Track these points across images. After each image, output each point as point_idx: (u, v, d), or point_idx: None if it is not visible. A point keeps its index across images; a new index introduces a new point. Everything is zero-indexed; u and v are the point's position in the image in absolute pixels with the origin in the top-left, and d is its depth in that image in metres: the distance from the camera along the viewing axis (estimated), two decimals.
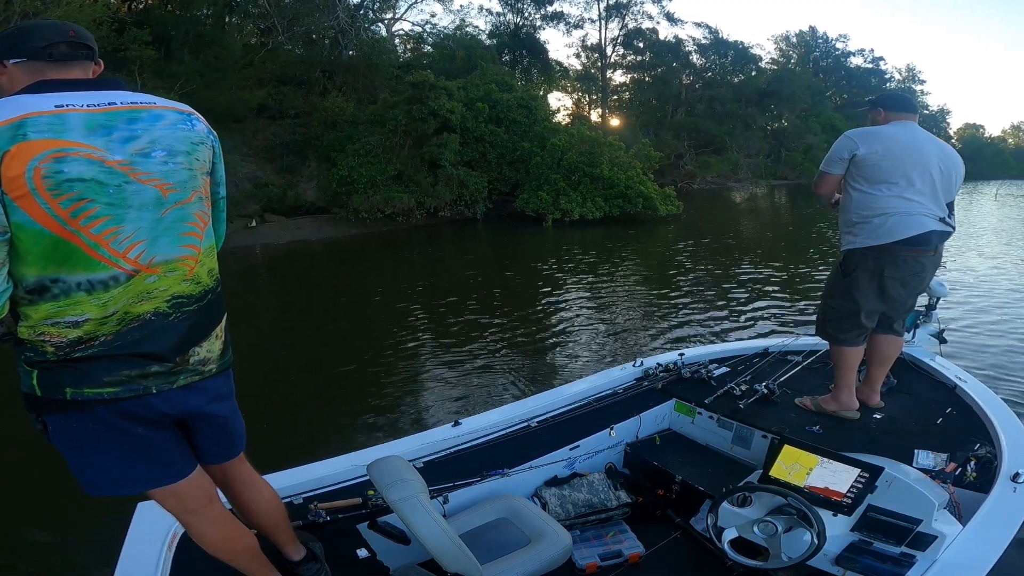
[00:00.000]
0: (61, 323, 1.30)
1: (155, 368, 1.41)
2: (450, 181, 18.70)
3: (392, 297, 9.57)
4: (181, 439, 1.58)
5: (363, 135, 19.08)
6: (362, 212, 17.17)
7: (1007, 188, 40.01)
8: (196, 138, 1.44)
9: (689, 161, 32.02)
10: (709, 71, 41.59)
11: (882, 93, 3.44)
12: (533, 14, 35.21)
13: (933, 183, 2.79)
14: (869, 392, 3.11)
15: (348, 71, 22.22)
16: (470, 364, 6.21)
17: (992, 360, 5.90)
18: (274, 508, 1.88)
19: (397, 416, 5.06)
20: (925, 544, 2.01)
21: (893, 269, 2.84)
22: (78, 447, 1.42)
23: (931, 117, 61.00)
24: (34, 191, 1.20)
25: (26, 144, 1.19)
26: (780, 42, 54.71)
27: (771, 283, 9.86)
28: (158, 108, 1.39)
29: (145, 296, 1.37)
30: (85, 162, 1.25)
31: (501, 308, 8.52)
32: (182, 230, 1.42)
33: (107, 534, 2.20)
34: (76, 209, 1.25)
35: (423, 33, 29.74)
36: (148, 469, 1.49)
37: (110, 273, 1.32)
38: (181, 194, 1.40)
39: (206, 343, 1.50)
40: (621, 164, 19.55)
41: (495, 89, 20.61)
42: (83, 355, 1.33)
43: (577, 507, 2.71)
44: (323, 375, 6.17)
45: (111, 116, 1.30)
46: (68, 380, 1.34)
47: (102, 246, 1.29)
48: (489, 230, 18.49)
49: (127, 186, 1.30)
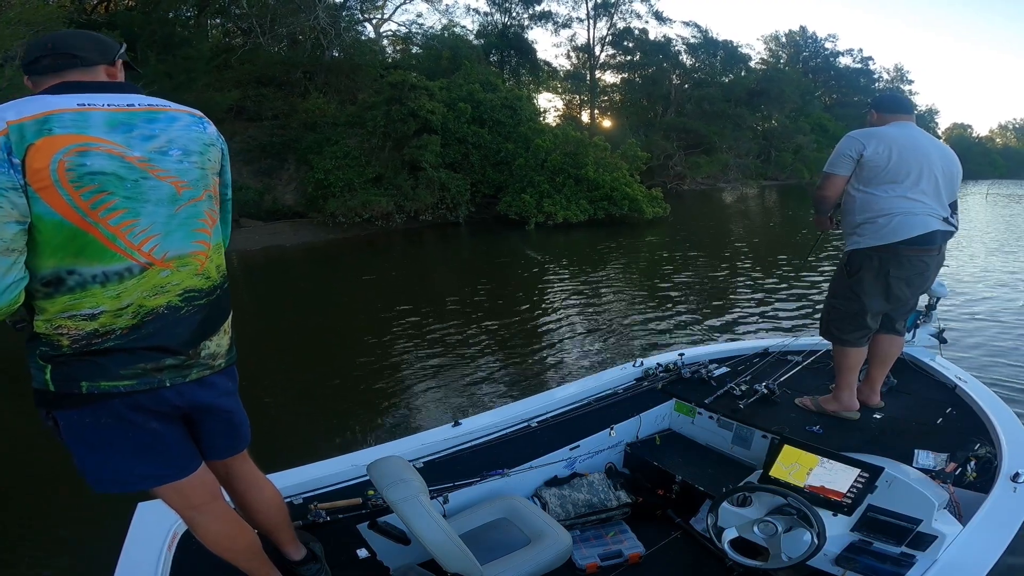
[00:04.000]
0: (77, 316, 1.36)
1: (169, 361, 1.47)
2: (431, 184, 18.54)
3: (372, 302, 9.55)
4: (187, 435, 1.63)
5: (341, 137, 18.92)
6: (339, 216, 17.03)
7: (997, 188, 40.71)
8: (207, 140, 1.54)
9: (679, 162, 32.20)
10: (699, 71, 41.89)
11: (877, 95, 3.49)
12: (521, 14, 35.23)
13: (936, 183, 2.85)
14: (869, 392, 3.18)
15: (330, 72, 22.12)
16: (458, 369, 6.23)
17: (992, 360, 6.04)
18: (276, 507, 1.91)
19: (388, 417, 5.11)
20: (925, 544, 2.05)
21: (898, 269, 2.89)
22: (89, 442, 1.46)
23: (920, 117, 61.13)
24: (57, 183, 1.28)
25: (51, 138, 1.27)
26: (770, 42, 55.44)
27: (767, 284, 9.99)
28: (173, 111, 1.49)
29: (159, 290, 1.44)
30: (107, 156, 1.33)
31: (488, 312, 8.55)
32: (194, 226, 1.49)
33: (107, 534, 2.22)
34: (96, 201, 1.32)
35: (410, 34, 29.68)
36: (156, 465, 1.54)
37: (125, 265, 1.38)
38: (194, 192, 1.48)
39: (215, 337, 1.57)
40: (607, 165, 19.45)
41: (479, 89, 20.48)
42: (99, 348, 1.38)
43: (577, 507, 2.75)
44: (322, 375, 6.19)
45: (131, 115, 1.39)
46: (84, 374, 1.39)
47: (119, 238, 1.36)
48: (471, 234, 18.44)
49: (145, 181, 1.39)
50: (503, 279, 11.69)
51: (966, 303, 8.54)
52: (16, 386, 5.53)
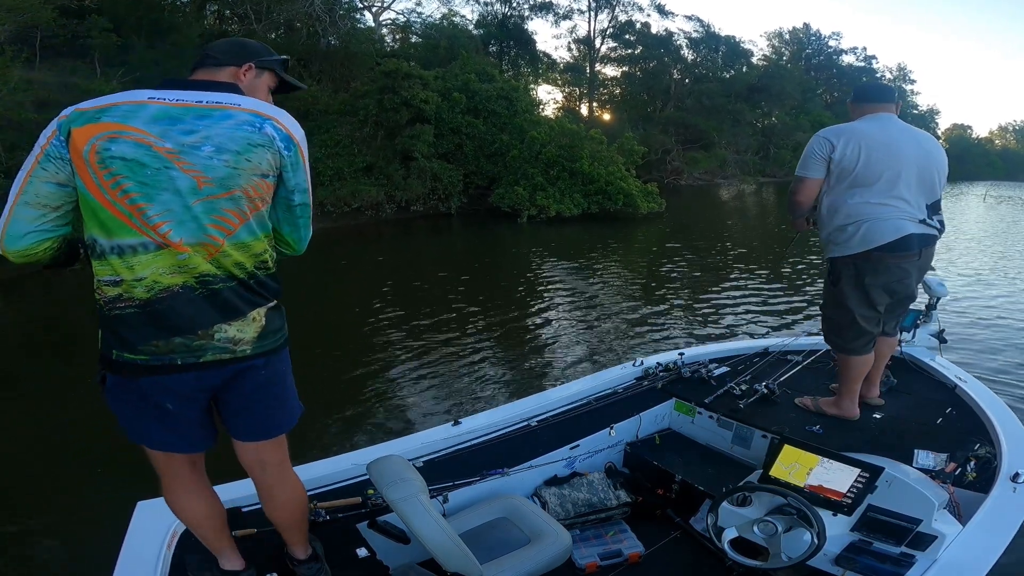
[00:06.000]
0: (104, 280, 1.55)
1: (178, 340, 1.57)
2: (423, 174, 18.54)
3: (364, 295, 9.48)
4: (206, 418, 1.74)
5: (333, 125, 18.80)
6: (327, 205, 16.91)
7: (996, 189, 40.99)
8: (257, 140, 1.56)
9: (677, 157, 32.25)
10: (700, 66, 41.98)
11: (856, 86, 3.26)
12: (521, 4, 35.31)
13: (910, 184, 2.74)
14: (868, 386, 3.18)
15: (326, 60, 21.98)
16: (454, 367, 6.24)
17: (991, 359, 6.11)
18: (293, 507, 1.94)
19: (388, 417, 5.12)
20: (925, 544, 2.08)
21: (874, 276, 2.81)
22: (121, 402, 1.66)
23: (920, 117, 62.66)
24: (87, 163, 1.47)
25: (96, 125, 1.47)
26: (773, 38, 55.78)
27: (766, 283, 10.06)
28: (232, 109, 1.56)
29: (176, 269, 1.55)
30: (133, 144, 1.48)
31: (484, 308, 8.55)
32: (209, 221, 1.54)
33: (107, 533, 2.24)
34: (114, 182, 1.48)
35: (409, 22, 29.61)
36: (172, 436, 1.71)
37: (139, 240, 1.51)
38: (216, 189, 1.53)
39: (236, 323, 1.62)
40: (602, 159, 19.42)
41: (474, 79, 20.46)
42: (121, 314, 1.55)
43: (577, 506, 2.78)
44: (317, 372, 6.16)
45: (185, 111, 1.52)
46: (114, 343, 1.58)
47: (135, 215, 1.50)
48: (463, 225, 18.42)
49: (167, 171, 1.49)
50: (498, 273, 11.70)
51: (966, 303, 8.63)
52: (16, 386, 5.56)
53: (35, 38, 13.97)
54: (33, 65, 13.62)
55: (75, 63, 14.83)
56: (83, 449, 4.30)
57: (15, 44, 12.45)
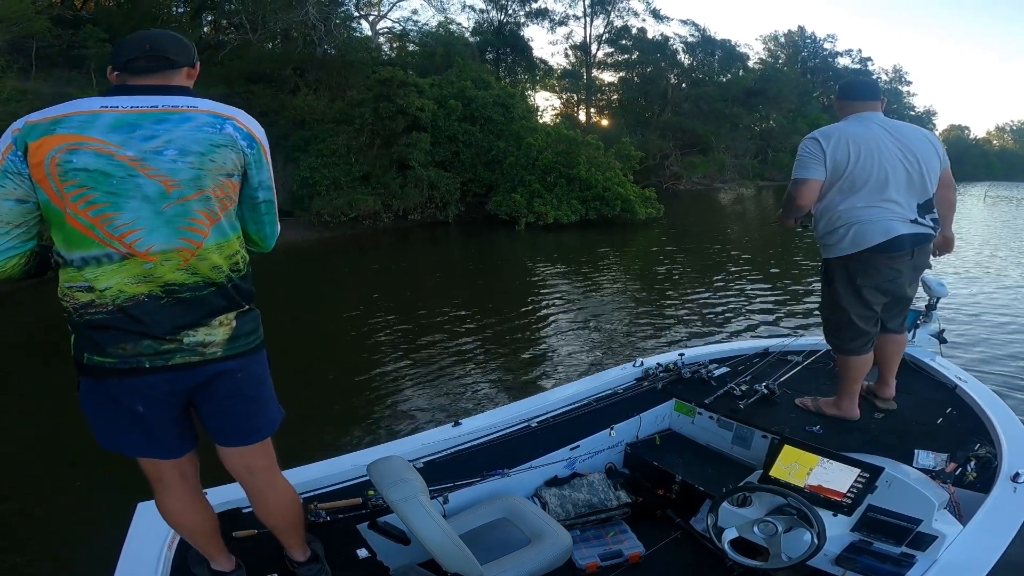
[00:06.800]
0: (74, 287, 1.55)
1: (147, 343, 1.58)
2: (420, 182, 18.50)
3: (363, 303, 9.52)
4: (179, 421, 1.73)
5: (329, 134, 18.81)
6: (324, 215, 16.91)
7: (995, 190, 41.09)
8: (219, 140, 1.57)
9: (675, 162, 32.29)
10: (696, 70, 42.13)
11: (841, 82, 3.19)
12: (517, 11, 35.36)
13: (899, 185, 2.73)
14: (882, 386, 3.20)
15: (322, 68, 22.03)
16: (455, 369, 6.26)
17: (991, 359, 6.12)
18: (285, 511, 1.95)
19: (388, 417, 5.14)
20: (925, 544, 2.08)
21: (865, 277, 2.83)
22: (92, 406, 1.68)
23: (917, 119, 62.86)
24: (49, 176, 1.46)
25: (52, 137, 1.46)
26: (768, 42, 56.12)
27: (766, 284, 10.08)
28: (190, 111, 1.56)
29: (141, 279, 1.55)
30: (94, 155, 1.47)
31: (483, 313, 8.58)
32: (181, 224, 1.55)
33: (107, 534, 2.25)
34: (77, 194, 1.48)
35: (405, 31, 29.70)
36: (141, 440, 1.70)
37: (103, 252, 1.52)
38: (184, 191, 1.54)
39: (204, 328, 1.63)
40: (599, 164, 19.38)
41: (470, 86, 20.45)
42: (91, 319, 1.55)
43: (577, 507, 2.79)
44: (318, 376, 6.20)
45: (142, 117, 1.51)
46: (86, 347, 1.59)
47: (98, 228, 1.50)
48: (461, 233, 18.43)
49: (132, 179, 1.49)
50: (497, 279, 11.72)
51: (967, 303, 8.65)
52: (16, 386, 5.58)
53: (30, 48, 14.03)
54: (28, 75, 13.68)
55: (70, 73, 14.91)
56: (83, 449, 4.26)
57: (10, 54, 12.49)
